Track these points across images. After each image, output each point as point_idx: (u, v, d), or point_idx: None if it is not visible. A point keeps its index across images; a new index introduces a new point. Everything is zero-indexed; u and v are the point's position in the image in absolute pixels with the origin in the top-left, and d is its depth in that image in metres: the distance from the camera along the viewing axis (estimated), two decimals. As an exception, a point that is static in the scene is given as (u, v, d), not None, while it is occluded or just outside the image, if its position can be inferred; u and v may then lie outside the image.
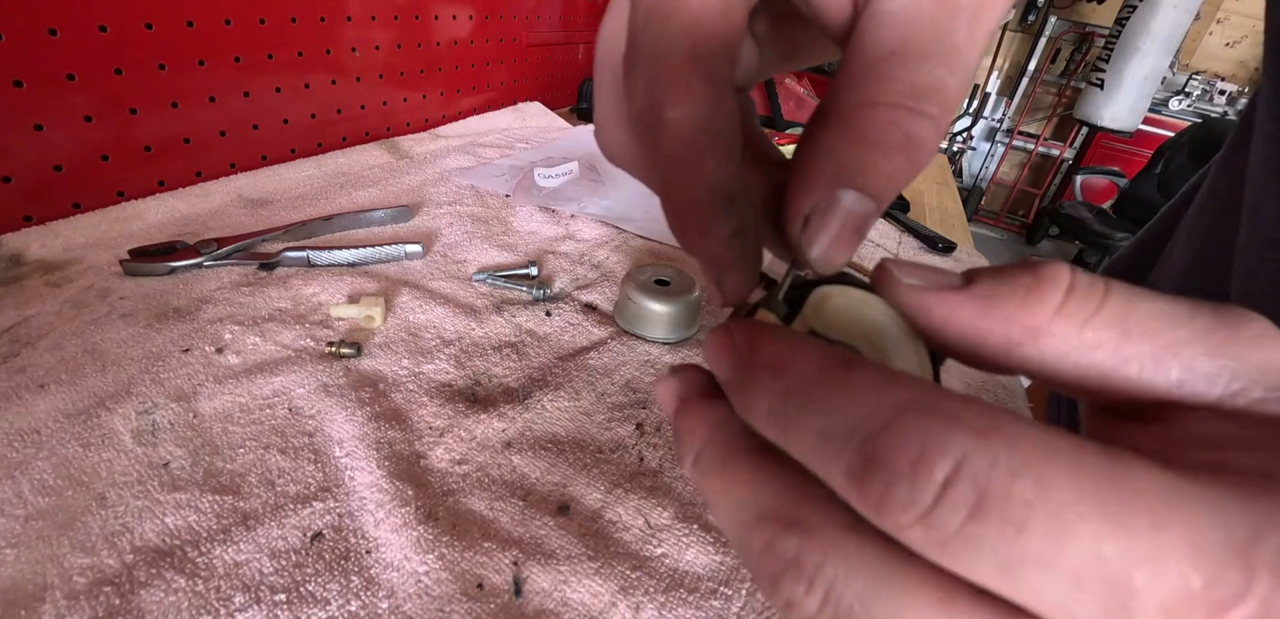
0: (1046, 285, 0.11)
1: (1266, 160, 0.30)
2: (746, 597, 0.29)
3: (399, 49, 0.81)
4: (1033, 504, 0.09)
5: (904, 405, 0.10)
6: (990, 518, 0.09)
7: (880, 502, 0.10)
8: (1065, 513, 0.08)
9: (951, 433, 0.09)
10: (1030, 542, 0.09)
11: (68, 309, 0.42)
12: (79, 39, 0.50)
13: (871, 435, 0.10)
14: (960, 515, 0.09)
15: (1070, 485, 0.09)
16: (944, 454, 0.09)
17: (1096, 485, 0.09)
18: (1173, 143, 2.65)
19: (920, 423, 0.09)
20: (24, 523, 0.28)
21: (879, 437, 0.10)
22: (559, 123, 1.03)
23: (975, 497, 0.09)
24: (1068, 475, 0.09)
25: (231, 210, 0.58)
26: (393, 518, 0.30)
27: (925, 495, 0.09)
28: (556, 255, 0.57)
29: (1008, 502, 0.09)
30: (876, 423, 0.10)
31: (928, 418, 0.09)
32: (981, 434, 0.09)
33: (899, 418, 0.10)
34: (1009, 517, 0.09)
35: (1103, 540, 0.08)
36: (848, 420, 0.10)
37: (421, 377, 0.40)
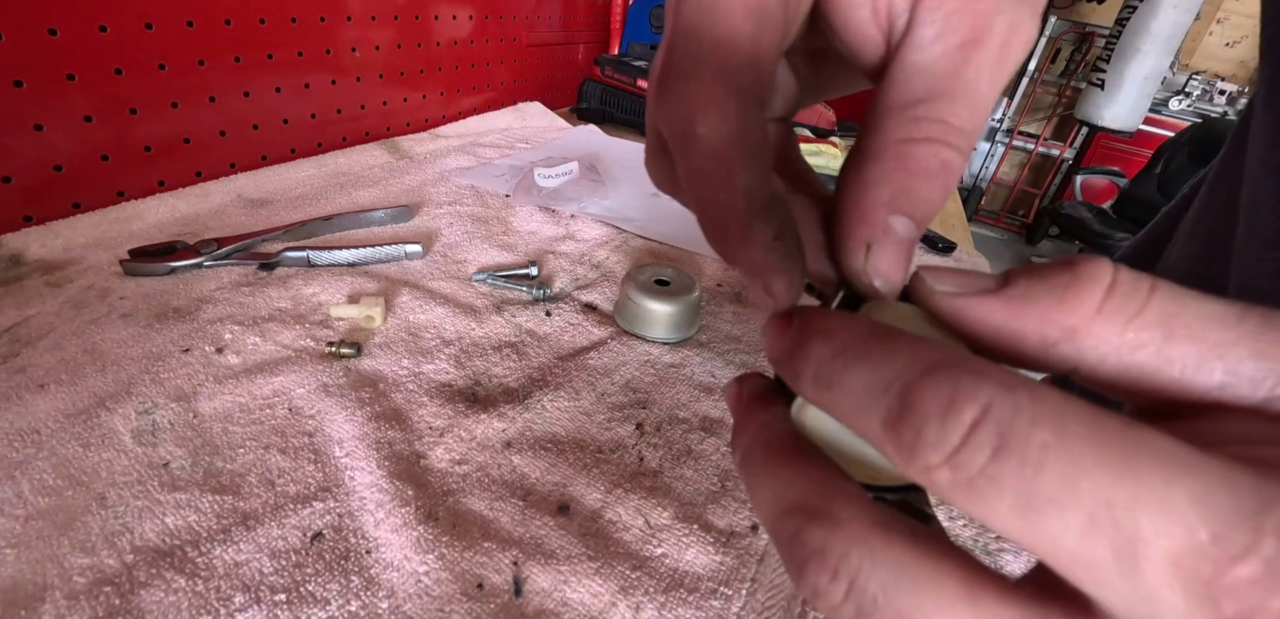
0: (1085, 284, 0.11)
1: (1263, 160, 0.30)
2: (746, 597, 0.29)
3: (399, 49, 0.81)
4: (1049, 446, 0.09)
5: (939, 361, 0.11)
6: (1011, 458, 0.09)
7: (913, 443, 0.10)
8: (1080, 458, 0.09)
9: (980, 383, 0.10)
10: (1046, 482, 0.09)
11: (68, 309, 0.42)
12: (79, 39, 0.50)
13: (909, 385, 0.11)
14: (984, 455, 0.09)
15: (1086, 435, 0.09)
16: (972, 399, 0.10)
17: (1110, 439, 0.09)
18: (1173, 143, 2.65)
19: (952, 374, 0.10)
20: (24, 523, 0.28)
21: (915, 385, 0.10)
22: (559, 123, 1.03)
23: (998, 439, 0.09)
24: (1084, 427, 0.09)
25: (231, 210, 0.58)
26: (393, 518, 0.30)
27: (953, 435, 0.10)
28: (556, 255, 0.57)
29: (1027, 444, 0.09)
30: (913, 374, 0.11)
31: (959, 370, 0.10)
32: (1007, 386, 0.10)
33: (934, 370, 0.10)
34: (1027, 457, 0.09)
35: (1113, 486, 0.09)
36: (888, 373, 0.11)
37: (421, 377, 0.40)
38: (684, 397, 0.41)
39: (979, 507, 0.10)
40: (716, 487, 0.34)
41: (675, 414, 0.40)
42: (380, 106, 0.81)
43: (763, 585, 0.30)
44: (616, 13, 1.25)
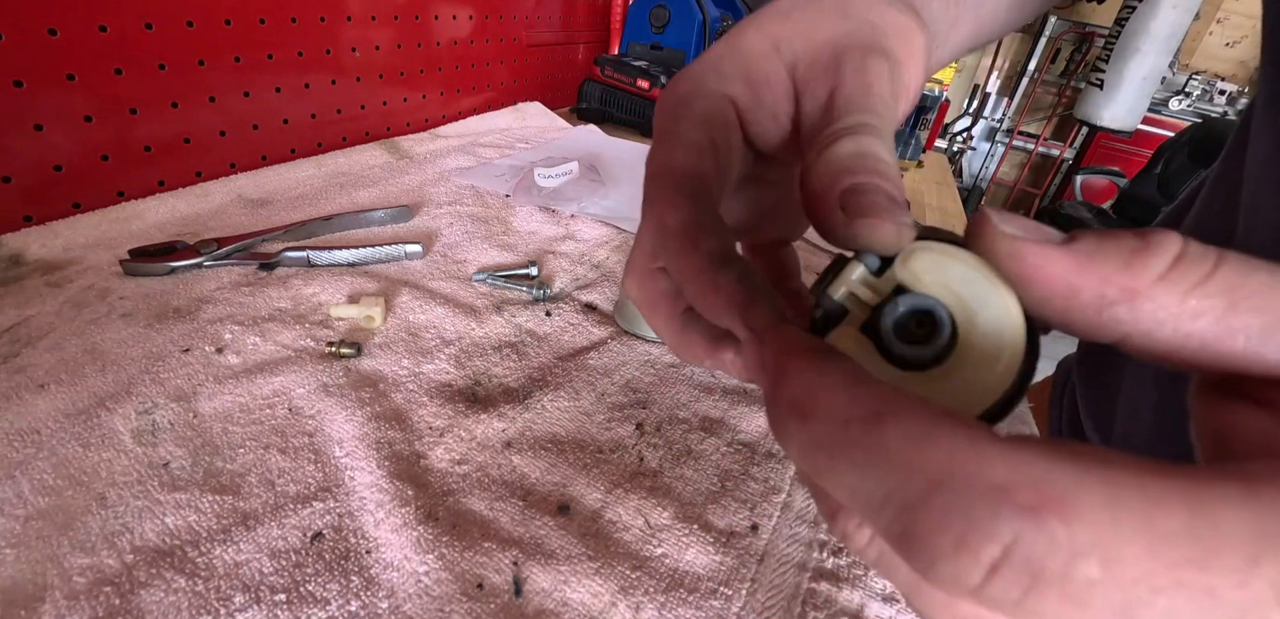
0: (1153, 250, 0.11)
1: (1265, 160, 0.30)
2: (746, 597, 0.29)
3: (399, 49, 0.81)
4: (1097, 584, 0.08)
5: (941, 477, 0.09)
6: (1048, 596, 0.08)
7: (927, 572, 0.09)
8: (1136, 589, 0.08)
9: (998, 513, 0.09)
10: (1097, 614, 0.08)
11: (68, 309, 0.42)
12: (79, 39, 0.50)
13: (907, 508, 0.09)
14: (1015, 593, 0.09)
15: (1141, 558, 0.08)
16: (990, 539, 0.09)
17: (1172, 548, 0.08)
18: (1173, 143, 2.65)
19: (961, 501, 0.09)
20: (24, 523, 0.28)
21: (917, 511, 0.09)
22: (559, 123, 1.03)
23: (1029, 578, 0.08)
24: (1138, 546, 0.08)
25: (231, 210, 0.58)
26: (393, 518, 0.30)
27: (973, 576, 0.09)
28: (556, 255, 0.57)
29: (1068, 582, 0.08)
30: (912, 495, 0.09)
31: (968, 495, 0.09)
32: (1033, 511, 0.09)
33: (936, 494, 0.09)
34: (1070, 595, 0.08)
35: (1181, 610, 0.08)
36: (882, 487, 0.10)
37: (421, 377, 0.40)
38: (684, 397, 0.41)
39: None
40: (716, 487, 0.34)
41: (675, 414, 0.39)
42: (380, 106, 0.81)
43: (763, 585, 0.30)
44: (616, 13, 1.25)
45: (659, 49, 1.14)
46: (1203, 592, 0.08)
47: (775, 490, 0.34)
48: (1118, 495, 0.08)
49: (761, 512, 0.33)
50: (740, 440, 0.38)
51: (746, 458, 0.37)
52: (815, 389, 0.11)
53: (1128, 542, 0.08)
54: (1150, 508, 0.08)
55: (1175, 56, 2.95)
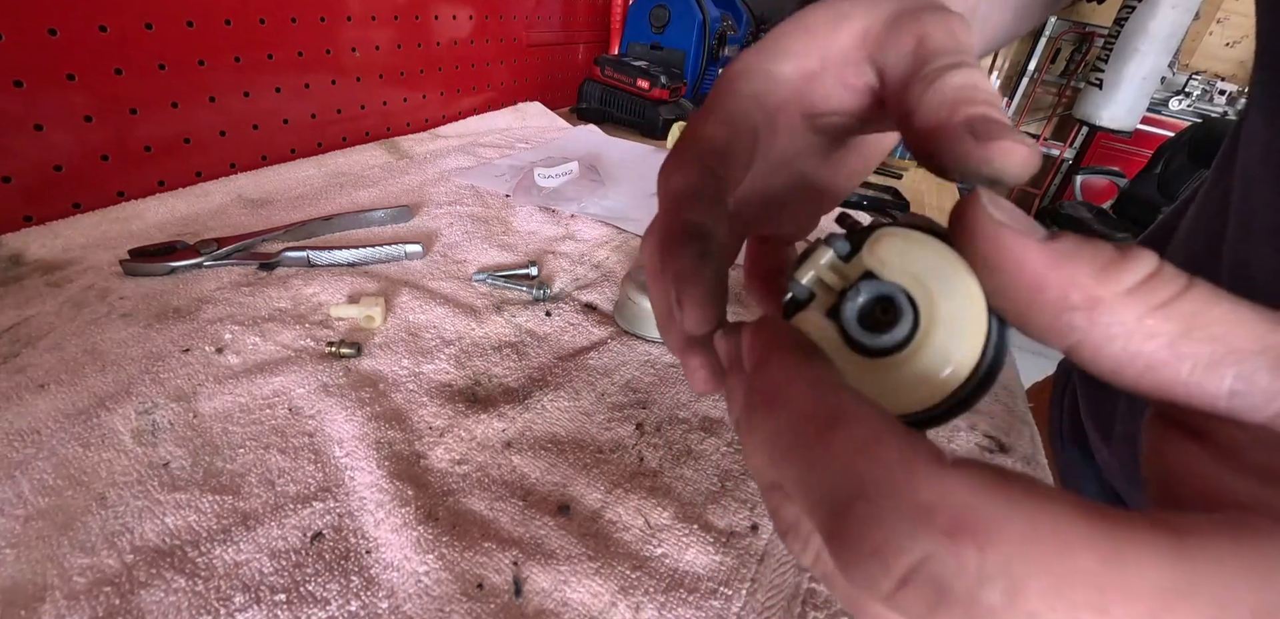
0: (1129, 263, 0.11)
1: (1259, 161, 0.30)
2: (746, 597, 0.29)
3: (399, 49, 0.81)
4: (999, 611, 0.08)
5: (873, 488, 0.10)
6: (953, 615, 0.09)
7: (846, 570, 0.10)
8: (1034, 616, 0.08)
9: (917, 531, 0.09)
10: None
11: (68, 309, 0.42)
12: (79, 39, 0.50)
13: (840, 508, 0.10)
14: (921, 607, 0.09)
15: (1045, 593, 0.08)
16: (902, 553, 0.09)
17: (1082, 590, 0.08)
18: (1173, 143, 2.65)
19: (886, 511, 0.09)
20: (24, 523, 0.28)
21: (846, 512, 0.10)
22: (559, 123, 1.03)
23: (935, 595, 0.09)
24: (1044, 581, 0.08)
25: (231, 210, 0.58)
26: (393, 518, 0.30)
27: (884, 584, 0.09)
28: (556, 255, 0.57)
29: (972, 606, 0.09)
30: (845, 495, 0.10)
31: (893, 509, 0.09)
32: (950, 534, 0.09)
33: (865, 500, 0.10)
34: (973, 617, 0.09)
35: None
36: (823, 483, 0.10)
37: (421, 377, 0.40)
38: (684, 396, 0.41)
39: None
40: (716, 487, 0.34)
41: (675, 414, 0.40)
42: (380, 106, 0.81)
43: (763, 585, 0.30)
44: (616, 13, 1.25)
45: (659, 49, 1.14)
46: (1106, 593, 0.08)
47: (775, 490, 0.35)
48: (1034, 531, 0.09)
49: (761, 512, 0.33)
50: (740, 441, 0.38)
51: (746, 458, 0.37)
52: (787, 384, 0.12)
53: (1034, 576, 0.08)
54: (1064, 547, 0.08)
55: (1175, 56, 2.95)
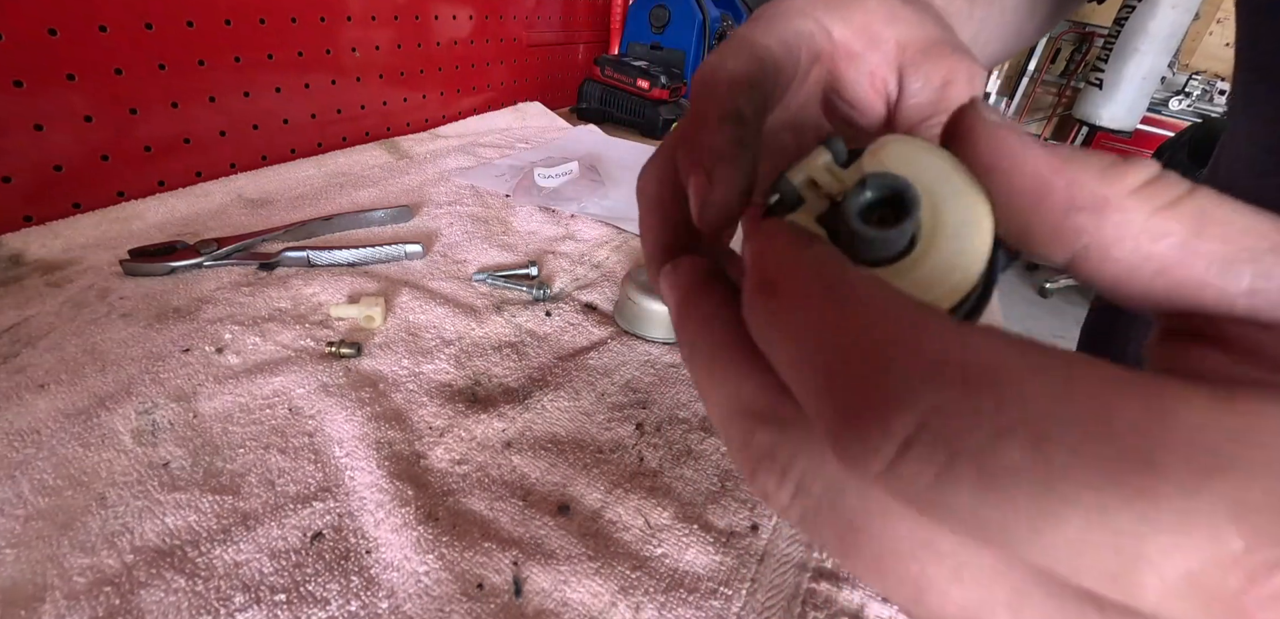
0: (1131, 167, 0.10)
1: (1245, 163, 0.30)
2: (746, 597, 0.29)
3: (399, 49, 0.81)
4: (1021, 472, 0.07)
5: (880, 345, 0.09)
6: (963, 482, 0.08)
7: (842, 449, 0.09)
8: (1065, 481, 0.07)
9: (926, 381, 0.08)
10: (1017, 511, 0.07)
11: (68, 309, 0.42)
12: (79, 39, 0.50)
13: (837, 374, 0.09)
14: (928, 475, 0.08)
15: (1077, 446, 0.07)
16: (906, 408, 0.08)
17: (1113, 442, 0.07)
18: (1172, 143, 2.65)
19: (890, 364, 0.08)
20: (24, 523, 0.28)
21: (844, 374, 0.09)
22: (559, 123, 1.03)
23: (945, 457, 0.08)
24: (1076, 433, 0.07)
25: (231, 210, 0.58)
26: (393, 518, 0.30)
27: (886, 450, 0.08)
28: (556, 255, 0.57)
29: (987, 465, 0.07)
30: (840, 358, 0.09)
31: (901, 361, 0.08)
32: (966, 383, 0.08)
33: (862, 358, 0.09)
34: (988, 481, 0.07)
35: (1110, 514, 0.07)
36: (819, 353, 0.09)
37: (421, 377, 0.40)
38: (684, 397, 0.41)
39: (938, 519, 0.08)
40: (716, 487, 0.34)
41: (675, 414, 0.39)
42: (380, 106, 0.81)
43: (763, 585, 0.30)
44: (616, 13, 1.25)
45: (659, 49, 1.14)
46: (1140, 494, 0.07)
47: (775, 490, 0.35)
48: (1066, 378, 0.08)
49: (761, 512, 0.33)
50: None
51: (746, 458, 0.37)
52: (787, 265, 0.11)
53: (1065, 427, 0.07)
54: (1099, 394, 0.08)
55: (1175, 56, 2.95)
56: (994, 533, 0.08)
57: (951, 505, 0.08)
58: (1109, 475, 0.07)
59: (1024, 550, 0.08)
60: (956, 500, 0.08)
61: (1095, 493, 0.07)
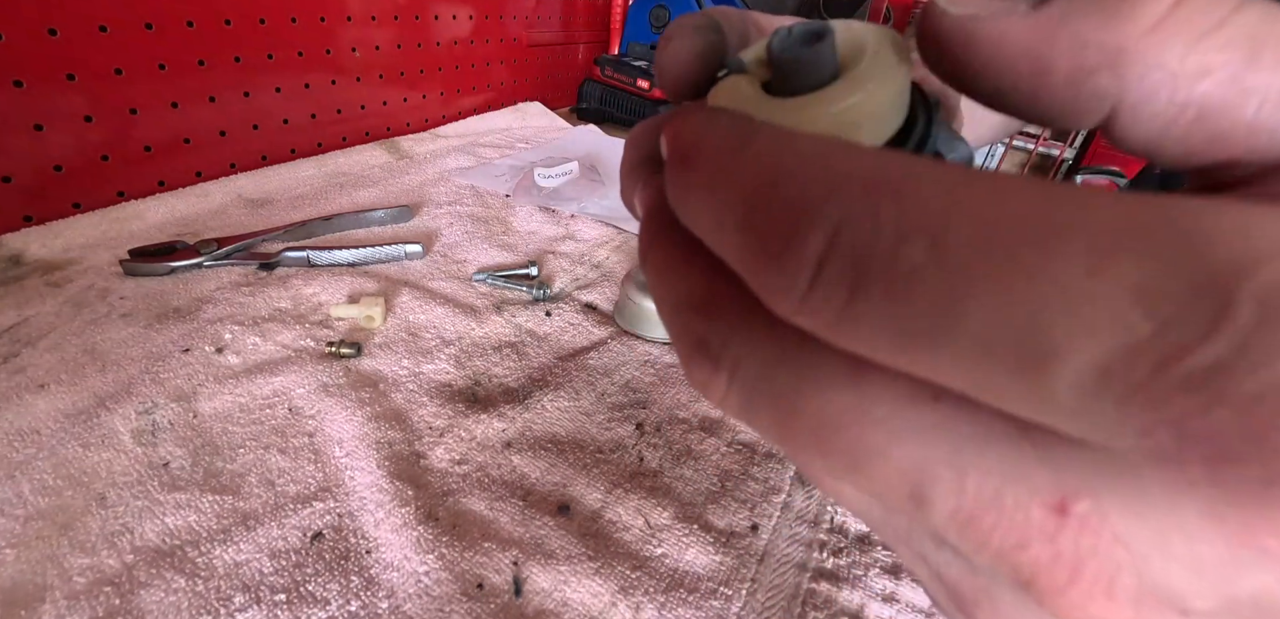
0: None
1: None
2: (746, 597, 0.29)
3: (399, 49, 0.81)
4: (921, 269, 0.07)
5: (785, 171, 0.08)
6: (872, 292, 0.07)
7: (761, 289, 0.09)
8: (964, 270, 0.07)
9: (830, 197, 0.08)
10: (925, 316, 0.07)
11: (68, 309, 0.42)
12: (79, 39, 0.50)
13: (748, 213, 0.09)
14: (840, 295, 0.08)
15: (975, 237, 0.07)
16: (814, 226, 0.08)
17: (1013, 235, 0.07)
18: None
19: (796, 189, 0.08)
20: (24, 523, 0.28)
21: (754, 213, 0.08)
22: (559, 123, 1.03)
23: (853, 274, 0.07)
24: (973, 224, 0.07)
25: (231, 210, 0.58)
26: (393, 518, 0.30)
27: (801, 277, 0.08)
28: (556, 255, 0.57)
29: (891, 270, 0.07)
30: (755, 196, 0.09)
31: (805, 182, 0.08)
32: (867, 191, 0.08)
33: (774, 187, 0.08)
34: (893, 288, 0.07)
35: (1012, 298, 0.07)
36: (738, 199, 0.09)
37: (421, 377, 0.40)
38: (684, 397, 0.41)
39: (855, 347, 0.08)
40: (716, 487, 0.34)
41: (675, 414, 0.39)
42: (380, 106, 0.81)
43: (763, 585, 0.30)
44: (616, 13, 1.24)
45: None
46: (1039, 276, 0.07)
47: (775, 490, 0.34)
48: (967, 181, 0.07)
49: (761, 512, 0.33)
50: (740, 440, 0.38)
51: (746, 458, 0.36)
52: (702, 132, 0.10)
53: (963, 221, 0.07)
54: (998, 189, 0.07)
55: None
56: (907, 347, 0.07)
57: (867, 325, 0.08)
58: (1008, 262, 0.07)
59: (937, 363, 0.07)
60: (870, 317, 0.08)
61: (994, 283, 0.07)
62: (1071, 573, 0.07)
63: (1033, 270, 0.07)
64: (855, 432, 0.09)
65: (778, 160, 0.09)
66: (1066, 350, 0.06)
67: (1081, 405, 0.07)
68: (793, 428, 0.09)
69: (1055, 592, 0.08)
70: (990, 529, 0.08)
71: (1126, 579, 0.07)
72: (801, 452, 0.09)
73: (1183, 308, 0.06)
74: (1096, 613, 0.07)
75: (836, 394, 0.09)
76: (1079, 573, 0.07)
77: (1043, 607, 0.08)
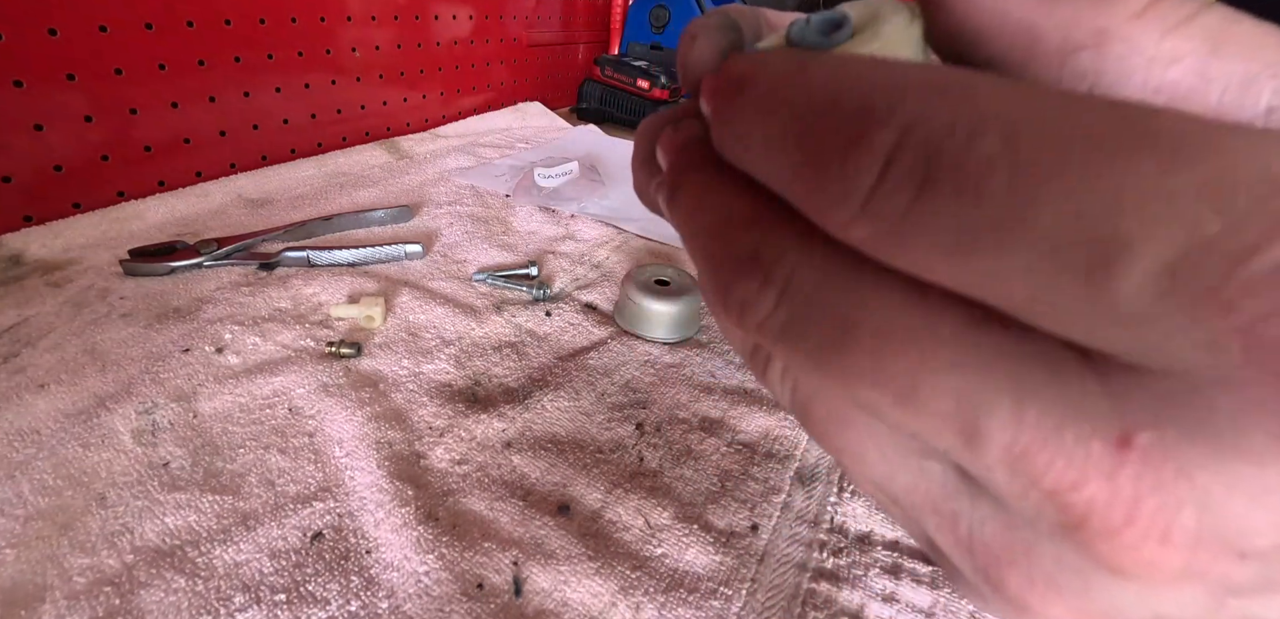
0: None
1: None
2: (746, 597, 0.29)
3: (399, 49, 0.81)
4: (994, 161, 0.07)
5: (848, 83, 0.08)
6: (941, 189, 0.07)
7: (818, 201, 0.09)
8: (1037, 164, 0.07)
9: (901, 99, 0.08)
10: (990, 206, 0.07)
11: (68, 309, 0.42)
12: (79, 39, 0.50)
13: (809, 124, 0.09)
14: (907, 193, 0.07)
15: (1049, 133, 0.07)
16: (884, 124, 0.08)
17: (1087, 130, 0.07)
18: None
19: (862, 95, 0.08)
20: (24, 523, 0.28)
21: (816, 121, 0.08)
22: (559, 123, 1.03)
23: (924, 168, 0.07)
24: (1047, 122, 0.07)
25: (231, 210, 0.58)
26: (393, 518, 0.30)
27: (865, 177, 0.08)
28: (556, 255, 0.57)
29: (963, 165, 0.07)
30: (815, 106, 0.09)
31: (872, 89, 0.08)
32: (940, 91, 0.08)
33: (837, 97, 0.08)
34: (964, 183, 0.07)
35: (1085, 191, 0.07)
36: (792, 112, 0.09)
37: (421, 377, 0.40)
38: (684, 397, 0.41)
39: (914, 261, 0.08)
40: (716, 487, 0.34)
41: (675, 414, 0.39)
42: (380, 106, 0.81)
43: (763, 586, 0.30)
44: (616, 13, 1.25)
45: (659, 49, 1.14)
46: (1112, 172, 0.07)
47: (775, 490, 0.34)
48: (1036, 90, 0.07)
49: (761, 512, 0.33)
50: (740, 440, 0.38)
51: (746, 458, 0.37)
52: (756, 64, 0.10)
53: (1036, 120, 0.07)
54: (1069, 97, 0.07)
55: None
56: (974, 251, 0.07)
57: (932, 229, 0.07)
58: (1081, 158, 0.07)
59: (1002, 270, 0.07)
60: (937, 219, 0.07)
61: (1066, 177, 0.07)
62: (1128, 514, 0.07)
63: (1105, 167, 0.07)
64: (913, 355, 0.08)
65: (839, 77, 0.09)
66: (1136, 247, 0.06)
67: (1148, 312, 0.06)
68: (845, 349, 0.09)
69: (1109, 534, 0.07)
70: (1045, 467, 0.08)
71: (1186, 518, 0.07)
72: (850, 378, 0.09)
73: (1254, 204, 0.06)
74: (1149, 558, 0.07)
75: (897, 314, 0.08)
76: (1135, 514, 0.07)
77: (1090, 554, 0.08)
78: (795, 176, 0.09)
